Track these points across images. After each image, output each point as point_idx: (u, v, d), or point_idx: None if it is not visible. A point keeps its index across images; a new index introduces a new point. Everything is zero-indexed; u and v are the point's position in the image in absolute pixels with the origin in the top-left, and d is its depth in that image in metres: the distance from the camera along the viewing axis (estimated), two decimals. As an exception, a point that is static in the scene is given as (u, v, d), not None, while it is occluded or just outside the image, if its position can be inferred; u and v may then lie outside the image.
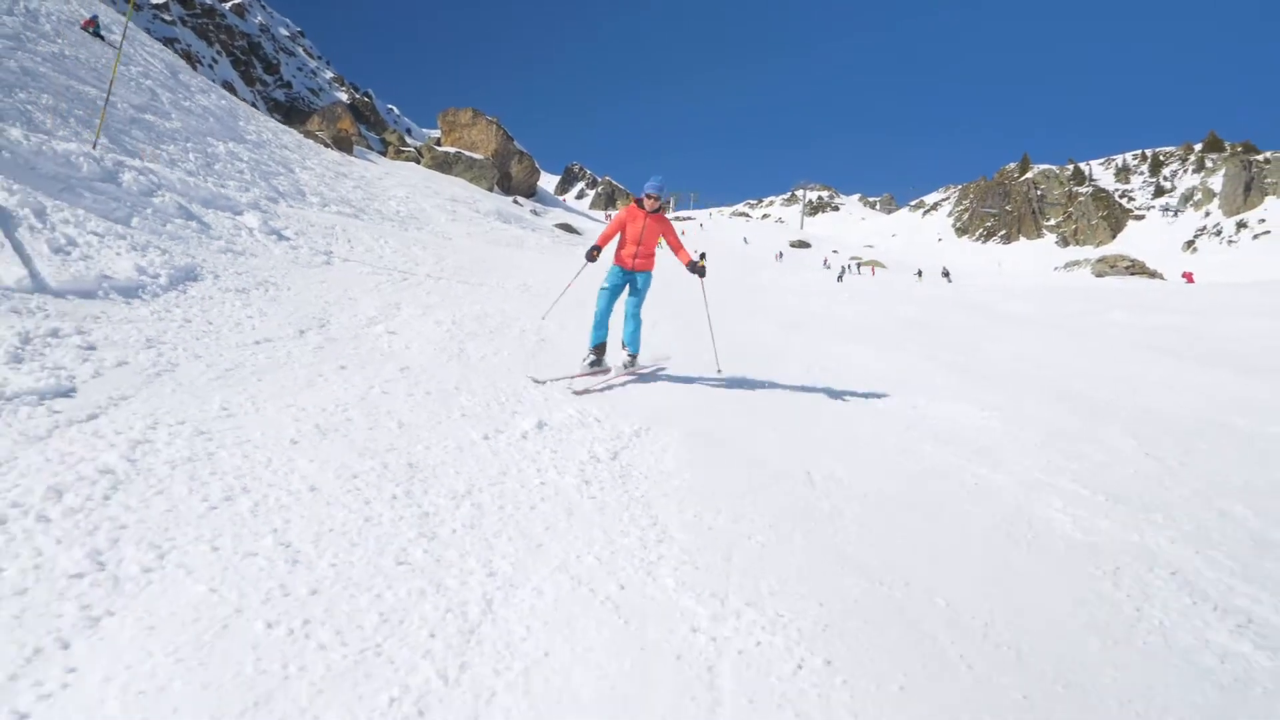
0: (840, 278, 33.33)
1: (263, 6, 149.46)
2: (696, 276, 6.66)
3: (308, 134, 43.25)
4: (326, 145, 41.35)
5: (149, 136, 14.84)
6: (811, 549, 3.44)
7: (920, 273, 52.19)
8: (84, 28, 22.53)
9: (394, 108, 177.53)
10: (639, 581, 2.88)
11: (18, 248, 5.28)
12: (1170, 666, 2.67)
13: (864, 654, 2.55)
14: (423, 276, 10.39)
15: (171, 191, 8.77)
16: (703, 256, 8.27)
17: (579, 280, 8.69)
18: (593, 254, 6.17)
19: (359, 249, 11.50)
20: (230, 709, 1.86)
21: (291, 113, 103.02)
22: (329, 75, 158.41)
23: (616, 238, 6.43)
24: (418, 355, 5.86)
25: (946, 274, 51.49)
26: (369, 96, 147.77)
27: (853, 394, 7.18)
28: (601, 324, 6.48)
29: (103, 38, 23.40)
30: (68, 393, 3.74)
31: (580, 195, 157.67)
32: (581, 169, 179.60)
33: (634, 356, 6.50)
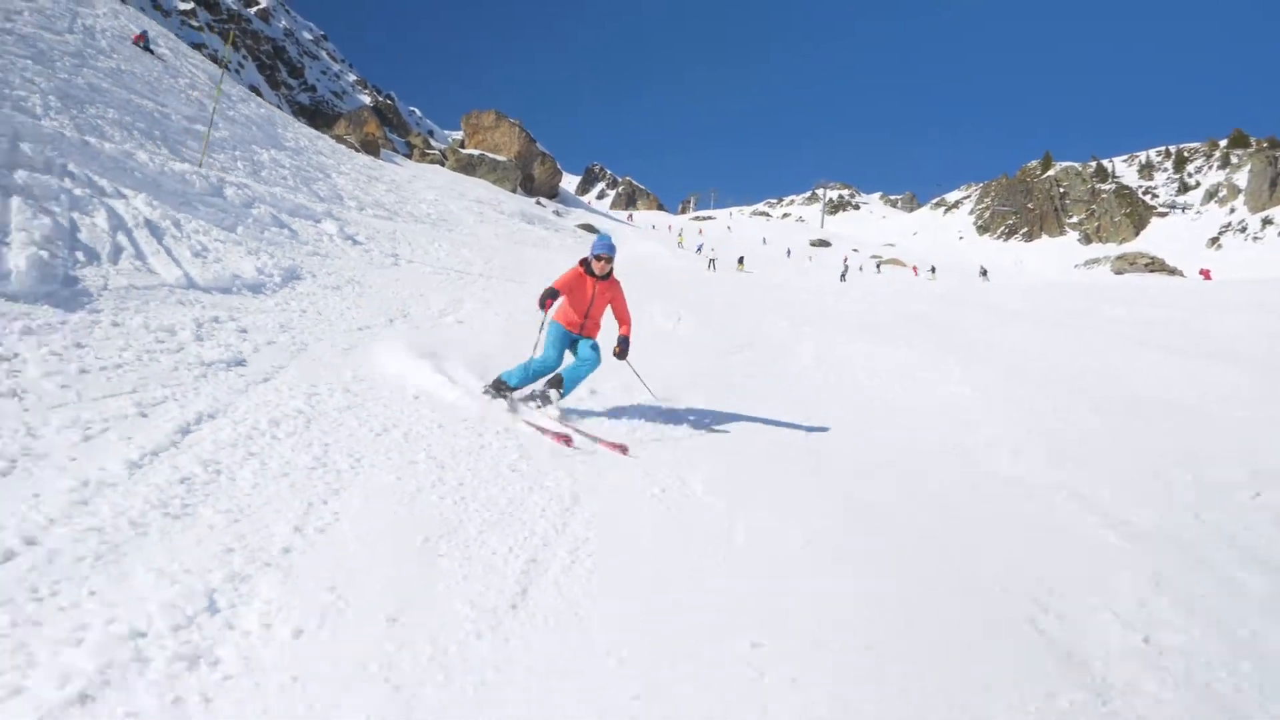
0: (843, 277, 34.07)
1: (287, 11, 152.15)
2: (615, 357, 5.41)
3: (338, 138, 44.82)
4: (356, 150, 42.89)
5: (210, 145, 16.08)
6: (804, 479, 4.62)
7: (934, 269, 52.86)
8: (135, 42, 23.24)
9: (416, 110, 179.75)
10: (676, 487, 4.09)
11: (169, 252, 6.58)
12: (1050, 546, 3.82)
13: (831, 530, 3.73)
14: (475, 275, 11.71)
15: (264, 204, 10.13)
16: (741, 260, 9.15)
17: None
18: (548, 302, 5.09)
19: (419, 251, 12.83)
20: (436, 533, 3.08)
21: (316, 116, 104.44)
22: (352, 78, 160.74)
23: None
24: (487, 341, 7.09)
25: (984, 272, 52.19)
26: (391, 99, 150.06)
27: (852, 378, 8.31)
28: (532, 376, 5.32)
29: (152, 51, 24.46)
30: (242, 362, 4.99)
31: (601, 195, 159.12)
32: (602, 169, 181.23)
33: (561, 397, 5.33)
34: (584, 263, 5.42)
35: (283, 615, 2.33)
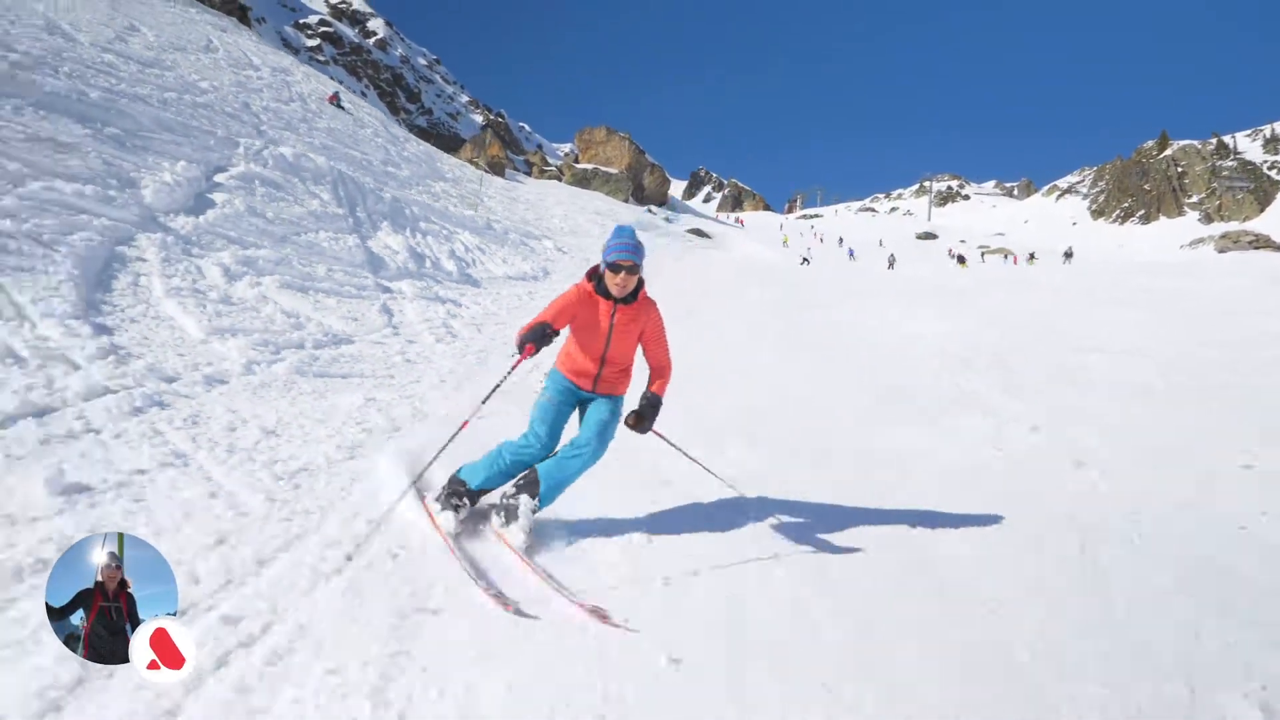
0: (891, 265, 37.32)
1: (401, 39, 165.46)
2: (629, 428, 3.41)
3: (472, 163, 51.99)
4: (488, 172, 49.89)
5: (398, 184, 20.30)
6: (814, 362, 10.16)
7: (1033, 255, 55.20)
8: (330, 101, 27.87)
9: (525, 125, 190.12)
10: (742, 339, 9.74)
11: (493, 260, 12.80)
12: (904, 357, 9.21)
13: (820, 376, 9.32)
14: (629, 270, 17.68)
15: (513, 232, 16.58)
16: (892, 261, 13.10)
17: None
18: (531, 342, 3.16)
19: (595, 257, 19.01)
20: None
21: (434, 138, 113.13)
22: (465, 99, 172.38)
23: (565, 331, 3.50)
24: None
25: (1069, 254, 53.91)
26: (502, 117, 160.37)
27: (865, 319, 13.63)
28: (508, 467, 3.44)
29: (344, 109, 28.61)
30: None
31: (707, 199, 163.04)
32: (707, 173, 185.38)
33: (537, 509, 3.34)
34: (593, 275, 3.44)
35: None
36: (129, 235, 7.14)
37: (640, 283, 3.40)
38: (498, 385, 3.48)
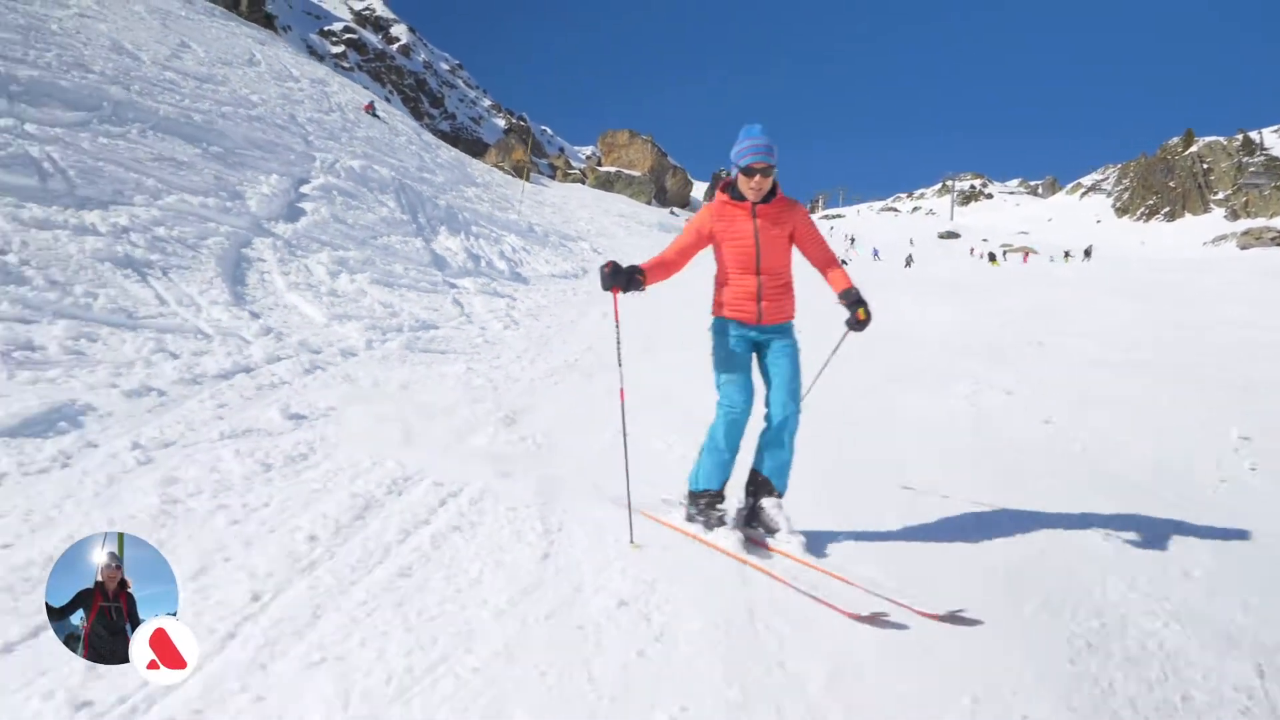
0: (908, 263, 37.94)
1: (424, 44, 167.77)
2: (853, 328, 3.36)
3: (498, 168, 53.41)
4: (514, 177, 51.32)
5: (433, 189, 20.97)
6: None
7: (1067, 254, 55.42)
8: (366, 110, 28.70)
9: (546, 128, 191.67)
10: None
11: (537, 261, 14.12)
12: (902, 348, 10.38)
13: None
14: (659, 269, 19.06)
15: (553, 234, 17.95)
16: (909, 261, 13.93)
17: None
18: (617, 285, 3.17)
19: (632, 254, 20.36)
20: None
21: (457, 143, 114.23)
22: (487, 103, 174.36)
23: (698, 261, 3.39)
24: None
25: (1088, 253, 54.30)
26: (524, 120, 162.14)
27: (884, 316, 14.75)
28: (730, 450, 3.23)
29: (379, 117, 29.57)
30: (592, 304, 12.28)
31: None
32: (728, 173, 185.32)
33: (780, 506, 3.17)
34: (725, 183, 3.21)
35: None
36: (247, 240, 8.54)
37: (776, 183, 3.12)
38: (618, 341, 3.63)
